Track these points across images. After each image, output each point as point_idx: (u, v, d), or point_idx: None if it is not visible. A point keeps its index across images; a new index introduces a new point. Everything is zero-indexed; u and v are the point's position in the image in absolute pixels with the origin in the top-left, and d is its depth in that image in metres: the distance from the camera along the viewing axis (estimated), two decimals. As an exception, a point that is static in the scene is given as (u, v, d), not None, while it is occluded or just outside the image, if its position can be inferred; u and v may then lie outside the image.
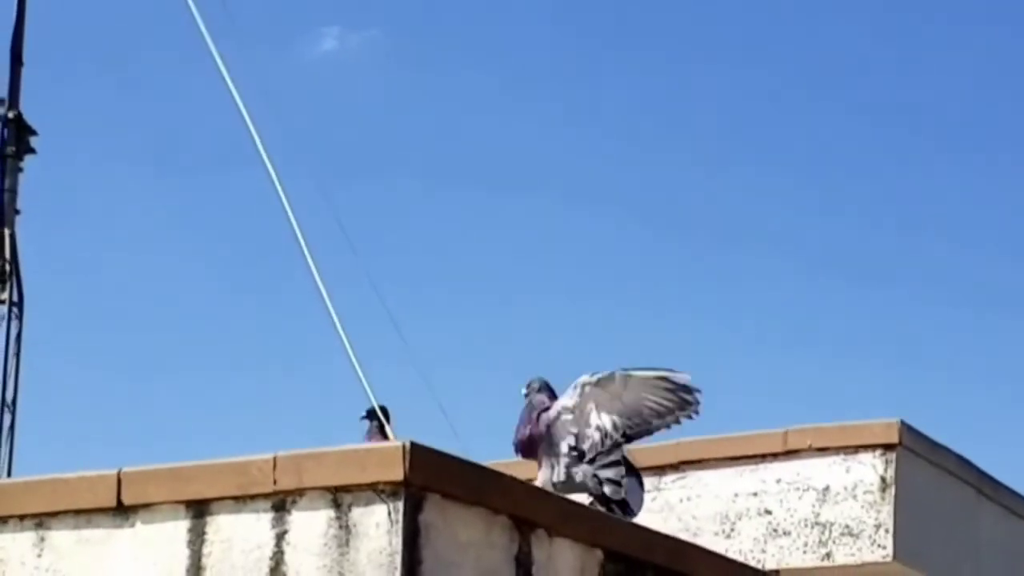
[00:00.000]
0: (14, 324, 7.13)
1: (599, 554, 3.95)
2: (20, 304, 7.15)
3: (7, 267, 7.11)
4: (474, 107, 15.97)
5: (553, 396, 4.91)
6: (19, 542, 3.71)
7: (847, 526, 5.91)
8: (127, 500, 3.63)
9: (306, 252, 6.27)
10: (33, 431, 7.37)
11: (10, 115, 7.26)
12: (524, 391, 4.96)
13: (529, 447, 4.79)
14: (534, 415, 4.83)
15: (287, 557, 3.48)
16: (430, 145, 15.71)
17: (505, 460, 5.03)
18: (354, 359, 5.64)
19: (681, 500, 6.08)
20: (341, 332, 5.76)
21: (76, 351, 12.92)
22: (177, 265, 15.03)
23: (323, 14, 15.70)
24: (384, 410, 5.23)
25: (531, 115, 16.07)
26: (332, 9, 15.81)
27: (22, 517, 3.71)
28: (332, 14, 15.85)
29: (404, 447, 3.39)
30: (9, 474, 6.10)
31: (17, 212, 7.24)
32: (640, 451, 5.49)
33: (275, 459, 3.51)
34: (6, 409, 7.07)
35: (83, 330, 13.35)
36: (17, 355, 7.11)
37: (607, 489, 4.68)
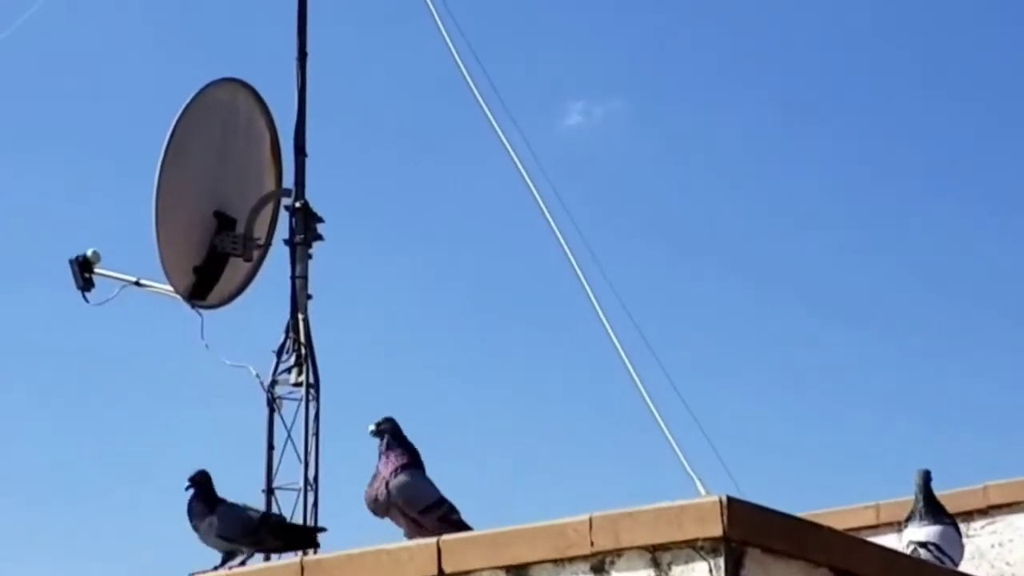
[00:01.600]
0: (312, 405, 7.33)
1: (921, 603, 3.88)
2: (316, 386, 7.35)
3: (302, 351, 7.33)
4: (720, 168, 15.83)
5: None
6: (346, 614, 3.80)
7: None
8: (448, 568, 3.69)
9: (605, 322, 6.29)
10: (334, 508, 7.54)
11: (297, 205, 7.50)
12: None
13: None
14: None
15: (609, 618, 3.49)
16: (679, 211, 15.62)
17: (819, 510, 4.96)
18: (659, 418, 5.67)
19: (992, 546, 5.90)
20: (646, 396, 5.77)
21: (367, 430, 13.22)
22: (463, 340, 15.25)
23: (566, 89, 15.78)
24: (391, 425, 4.38)
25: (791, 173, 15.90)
26: (574, 83, 15.89)
27: (348, 589, 3.81)
28: (575, 89, 15.94)
29: (721, 502, 3.38)
30: (315, 552, 6.25)
31: (309, 297, 7.46)
32: (946, 497, 5.35)
33: (591, 520, 3.53)
34: (309, 487, 7.27)
35: (375, 408, 13.67)
36: (316, 435, 7.31)
37: None
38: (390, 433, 4.29)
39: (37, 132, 15.15)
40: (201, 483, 4.82)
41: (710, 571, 3.39)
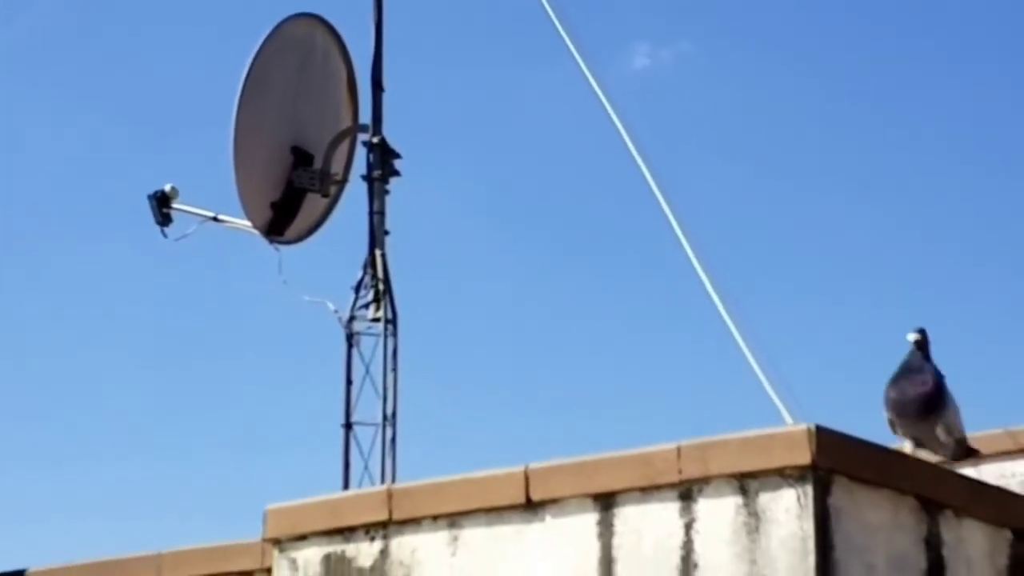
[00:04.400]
0: (390, 341, 7.36)
1: (1008, 534, 3.87)
2: (394, 321, 7.39)
3: (380, 287, 7.36)
4: (796, 112, 15.63)
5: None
6: (433, 542, 3.85)
7: None
8: (535, 496, 3.72)
9: (685, 244, 6.27)
10: (411, 443, 7.60)
11: (374, 140, 7.51)
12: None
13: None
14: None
15: (696, 546, 3.51)
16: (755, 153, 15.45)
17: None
18: (743, 344, 5.67)
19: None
20: (729, 322, 5.76)
21: (445, 364, 13.30)
22: (539, 270, 15.23)
23: (631, 31, 15.63)
24: None
25: (858, 120, 15.68)
26: (639, 25, 15.74)
27: (435, 517, 3.85)
28: (639, 30, 15.79)
29: (809, 430, 3.39)
30: (393, 483, 6.32)
31: (387, 233, 7.49)
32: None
33: (679, 448, 3.55)
34: (387, 422, 7.32)
35: (451, 344, 13.72)
36: (394, 370, 7.35)
37: None
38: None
39: (115, 71, 15.29)
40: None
41: (798, 499, 3.40)
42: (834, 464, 3.42)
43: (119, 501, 13.39)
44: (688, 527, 3.53)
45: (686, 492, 3.54)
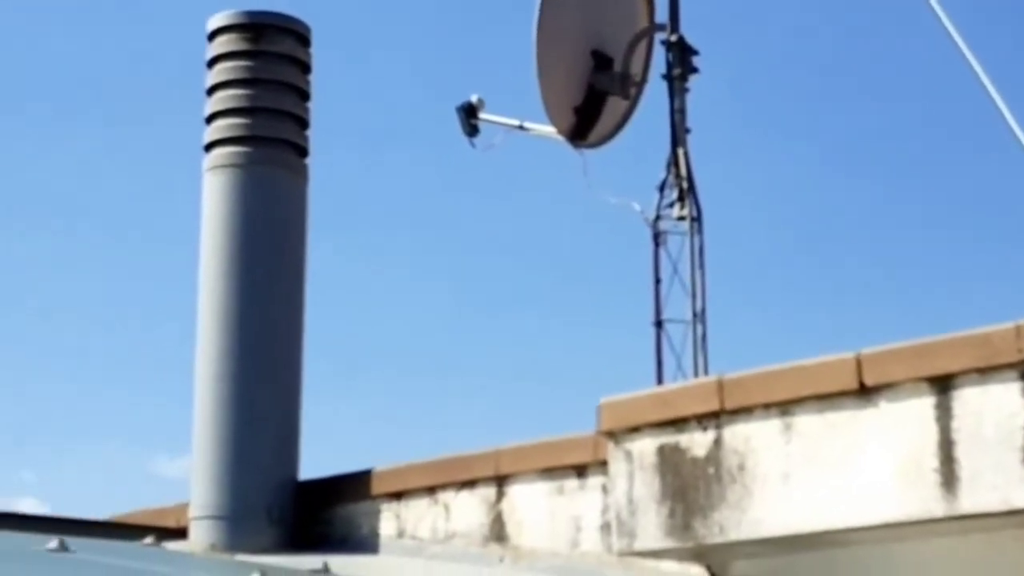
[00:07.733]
0: (696, 239, 7.38)
1: None
2: (699, 219, 7.41)
3: (684, 185, 7.37)
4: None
5: None
6: (766, 430, 3.86)
7: None
8: (868, 381, 3.69)
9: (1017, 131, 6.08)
10: (720, 339, 7.61)
11: (672, 39, 7.50)
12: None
13: None
14: None
15: (1041, 426, 3.45)
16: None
17: None
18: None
19: None
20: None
21: (752, 261, 13.23)
22: (840, 163, 14.89)
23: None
24: None
25: None
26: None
27: (767, 406, 3.86)
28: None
29: None
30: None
31: (688, 131, 7.49)
32: None
33: (1018, 328, 3.47)
34: (696, 320, 7.36)
35: (759, 238, 13.63)
36: (702, 268, 7.38)
37: None
38: None
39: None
40: None
41: None
42: None
43: (449, 407, 13.84)
44: (1031, 407, 3.46)
45: (1027, 372, 3.47)
